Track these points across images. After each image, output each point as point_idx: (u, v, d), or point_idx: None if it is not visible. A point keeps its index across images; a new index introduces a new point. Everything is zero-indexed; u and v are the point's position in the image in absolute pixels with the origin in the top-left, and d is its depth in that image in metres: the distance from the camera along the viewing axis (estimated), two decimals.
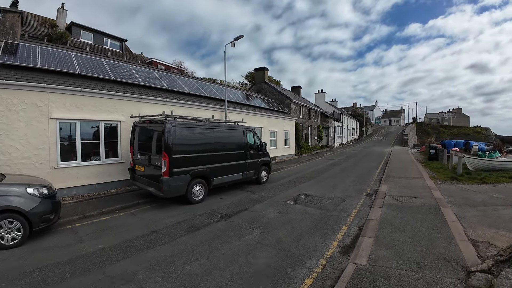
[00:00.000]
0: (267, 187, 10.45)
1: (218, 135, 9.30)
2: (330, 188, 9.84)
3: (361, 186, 10.28)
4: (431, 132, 59.78)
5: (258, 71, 25.54)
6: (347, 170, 14.57)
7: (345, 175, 12.89)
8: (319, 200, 8.23)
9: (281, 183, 11.09)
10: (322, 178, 12.13)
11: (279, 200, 8.38)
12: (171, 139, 7.73)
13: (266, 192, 9.58)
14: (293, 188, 10.03)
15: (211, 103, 14.74)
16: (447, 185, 9.96)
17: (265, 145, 11.23)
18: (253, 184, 10.96)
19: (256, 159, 10.79)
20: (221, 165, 9.18)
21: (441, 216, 6.30)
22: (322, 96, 42.44)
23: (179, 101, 12.70)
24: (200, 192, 8.43)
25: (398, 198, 8.08)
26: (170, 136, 7.72)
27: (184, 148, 8.08)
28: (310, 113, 28.61)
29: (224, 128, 9.70)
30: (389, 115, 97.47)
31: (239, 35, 14.36)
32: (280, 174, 13.75)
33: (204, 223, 6.34)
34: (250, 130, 10.91)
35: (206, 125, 9.08)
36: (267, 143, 17.22)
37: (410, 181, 10.68)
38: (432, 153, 17.47)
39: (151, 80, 12.96)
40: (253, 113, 17.12)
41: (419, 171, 13.23)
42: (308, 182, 11.25)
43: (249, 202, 8.19)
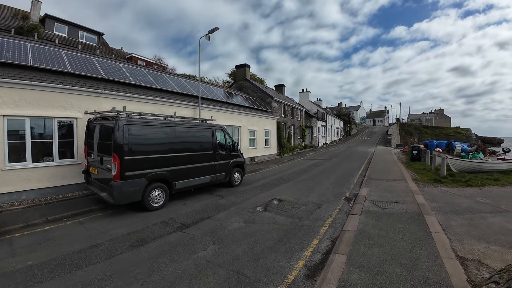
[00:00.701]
0: (239, 190, 9.53)
1: (182, 134, 8.29)
2: (307, 192, 9.02)
3: (340, 189, 9.51)
4: (413, 133, 60.71)
5: (240, 68, 24.56)
6: (327, 171, 13.84)
7: (325, 176, 12.13)
8: (292, 206, 7.37)
9: (256, 186, 10.19)
10: (300, 180, 11.31)
11: (248, 206, 7.46)
12: (123, 138, 6.73)
13: (236, 196, 8.65)
14: (267, 192, 9.15)
15: (183, 99, 13.67)
16: (430, 189, 9.34)
17: (238, 145, 10.30)
18: (225, 187, 10.03)
19: (227, 160, 9.84)
20: (185, 168, 8.19)
21: (424, 226, 5.55)
22: (306, 95, 41.90)
23: (147, 97, 11.63)
24: (160, 198, 7.45)
25: (379, 204, 7.33)
26: (122, 135, 6.73)
27: (139, 149, 7.09)
28: (293, 112, 27.88)
29: (189, 127, 8.69)
30: (374, 115, 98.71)
31: (214, 28, 13.36)
32: (256, 175, 12.85)
33: (155, 235, 5.42)
34: (221, 129, 9.95)
35: (167, 123, 8.06)
36: (245, 143, 16.79)
37: (392, 184, 10.01)
38: (415, 153, 17.05)
39: (116, 73, 11.80)
40: (231, 111, 16.14)
41: (402, 173, 12.65)
42: (285, 184, 10.40)
43: (215, 209, 7.24)
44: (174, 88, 13.88)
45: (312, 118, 33.29)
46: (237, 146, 10.17)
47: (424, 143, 23.87)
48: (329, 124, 44.77)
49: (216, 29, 13.31)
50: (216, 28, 13.31)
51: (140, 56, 33.99)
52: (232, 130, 16.40)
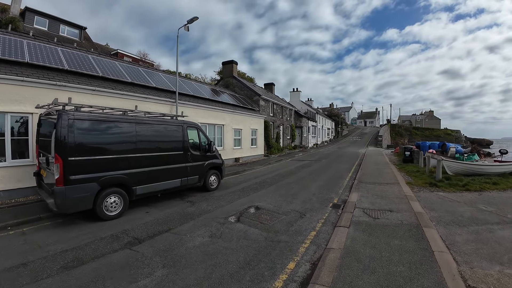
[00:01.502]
0: (214, 196, 8.46)
1: (144, 132, 7.18)
2: (290, 198, 8.00)
3: (328, 194, 8.53)
4: (404, 134, 60.78)
5: (226, 65, 23.44)
6: (316, 173, 12.87)
7: (312, 179, 11.15)
8: (270, 216, 6.32)
9: (234, 191, 9.13)
10: (284, 183, 10.29)
11: (219, 215, 6.40)
12: (67, 136, 5.68)
13: (209, 203, 7.58)
14: (246, 198, 8.10)
15: (159, 95, 12.54)
16: (426, 194, 8.45)
17: (214, 145, 9.22)
18: (200, 191, 8.96)
19: (201, 162, 8.76)
20: (148, 170, 7.09)
21: (425, 243, 4.59)
22: (297, 95, 41.05)
23: (116, 91, 10.50)
24: (117, 206, 6.37)
25: (370, 213, 6.36)
26: (66, 132, 5.69)
27: (89, 148, 6.03)
28: (282, 111, 26.91)
29: (154, 123, 7.57)
30: (365, 116, 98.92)
31: (193, 17, 12.25)
32: (238, 178, 11.78)
33: (96, 254, 4.40)
34: (193, 126, 8.86)
35: (126, 118, 6.93)
36: (229, 143, 15.51)
37: (384, 188, 9.09)
38: (407, 155, 16.27)
39: (82, 65, 10.65)
40: (214, 108, 15.02)
41: (394, 175, 11.77)
42: (267, 188, 9.37)
43: (180, 219, 6.16)
44: (150, 83, 12.71)
45: (302, 118, 32.41)
46: (213, 146, 9.07)
47: (416, 144, 23.17)
48: (320, 125, 44.05)
49: (196, 18, 12.22)
50: (196, 18, 12.22)
51: (126, 52, 32.65)
52: (215, 129, 15.30)
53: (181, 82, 15.32)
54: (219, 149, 15.22)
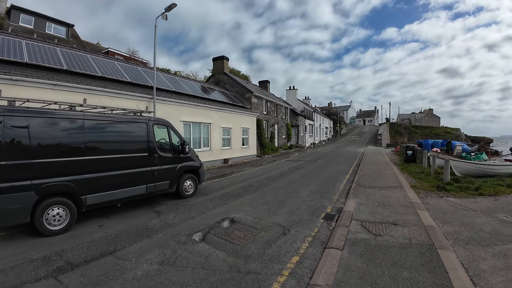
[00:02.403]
0: (188, 204, 7.25)
1: (96, 130, 5.98)
2: (275, 207, 6.78)
3: (320, 201, 7.31)
4: (403, 132, 59.71)
5: (217, 61, 22.17)
6: (309, 175, 11.65)
7: (305, 182, 9.93)
8: (245, 232, 5.10)
9: (213, 197, 7.92)
10: (272, 188, 9.08)
11: (184, 231, 5.18)
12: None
13: (179, 213, 6.38)
14: (224, 206, 6.89)
15: (135, 90, 11.32)
16: (435, 200, 7.24)
17: (188, 145, 7.99)
18: (174, 198, 7.78)
19: (173, 165, 7.54)
20: (102, 176, 5.89)
21: (442, 276, 3.39)
22: (293, 93, 39.79)
23: (81, 85, 9.47)
24: (62, 218, 5.24)
25: (370, 227, 5.14)
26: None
27: (25, 150, 4.87)
28: (277, 110, 25.66)
29: (109, 120, 6.33)
30: (363, 115, 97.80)
31: (171, 4, 11.02)
32: (223, 181, 10.56)
33: (16, 283, 3.37)
34: (163, 124, 7.63)
35: (72, 114, 5.71)
36: (217, 142, 13.79)
37: (386, 193, 7.88)
38: (409, 154, 15.07)
39: (46, 58, 9.57)
40: (199, 105, 13.78)
41: (397, 177, 10.56)
42: (252, 194, 8.15)
43: (134, 236, 4.99)
44: (124, 77, 11.49)
45: (299, 117, 31.17)
46: (187, 147, 7.83)
47: (417, 142, 22.01)
48: (317, 123, 42.84)
49: (174, 5, 11.00)
50: (174, 5, 10.99)
51: (117, 51, 31.54)
52: (200, 128, 14.07)
53: (163, 77, 14.10)
54: (205, 149, 14.01)
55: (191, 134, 13.45)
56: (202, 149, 14.04)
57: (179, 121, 12.70)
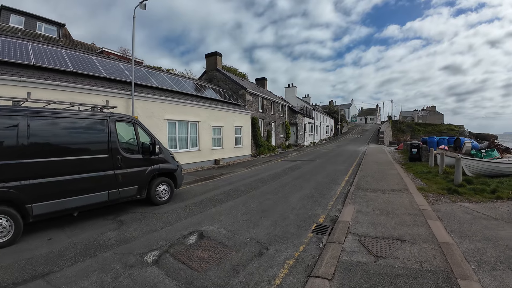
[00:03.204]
0: (159, 212, 6.24)
1: (43, 128, 5.02)
2: (258, 216, 5.73)
3: (313, 208, 6.25)
4: (406, 130, 58.40)
5: (210, 57, 21.10)
6: (304, 177, 10.59)
7: (299, 185, 8.87)
8: (213, 250, 4.06)
9: (191, 204, 6.89)
10: (260, 192, 8.03)
11: (138, 249, 4.19)
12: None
13: (143, 224, 5.37)
14: (198, 216, 5.86)
15: (111, 86, 10.31)
16: (447, 205, 6.16)
17: (159, 145, 6.96)
18: (145, 205, 6.78)
19: (141, 168, 6.51)
20: (51, 181, 4.95)
21: None
22: (292, 91, 38.66)
23: (49, 81, 8.51)
24: (6, 230, 4.39)
25: (370, 245, 4.08)
26: None
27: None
28: (274, 107, 24.55)
29: (59, 117, 5.31)
30: (365, 113, 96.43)
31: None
32: (208, 185, 9.53)
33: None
34: (128, 121, 6.62)
35: (11, 110, 4.72)
36: (206, 142, 12.82)
37: (390, 198, 6.79)
38: (414, 152, 13.95)
39: (13, 53, 8.74)
40: (185, 102, 12.74)
41: (401, 178, 9.46)
42: (234, 200, 7.11)
43: (78, 254, 4.12)
44: (100, 72, 10.49)
45: (297, 115, 30.03)
46: (158, 147, 6.78)
47: (422, 139, 20.87)
48: (318, 122, 41.69)
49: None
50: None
51: (111, 50, 30.71)
52: (187, 127, 13.04)
53: (146, 73, 13.08)
54: (193, 149, 12.99)
55: (176, 134, 12.43)
56: (189, 150, 13.03)
57: (163, 119, 11.69)
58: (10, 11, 21.42)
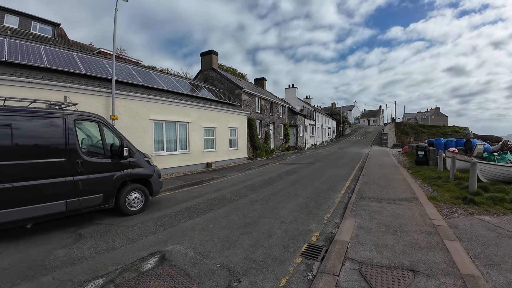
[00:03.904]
0: (126, 225, 5.37)
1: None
2: (239, 232, 4.80)
3: (306, 222, 5.31)
4: (410, 132, 57.24)
5: (205, 56, 20.23)
6: (301, 182, 9.64)
7: (293, 193, 7.93)
8: (169, 281, 3.15)
9: (165, 215, 5.98)
10: (247, 201, 7.10)
11: (79, 275, 3.35)
12: None
13: (101, 241, 4.53)
14: (168, 230, 4.97)
15: (90, 83, 9.48)
16: (464, 219, 5.20)
17: (129, 147, 6.06)
18: (114, 215, 5.90)
19: (108, 173, 5.64)
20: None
21: None
22: (293, 92, 37.70)
23: (20, 78, 7.62)
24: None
25: (374, 278, 3.14)
26: None
27: None
28: (273, 108, 23.60)
29: (4, 114, 4.45)
30: (368, 115, 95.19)
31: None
32: (193, 191, 8.62)
33: None
34: (92, 120, 5.76)
35: None
36: (197, 144, 12.17)
37: (397, 210, 5.82)
38: (421, 155, 12.94)
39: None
40: (172, 101, 11.84)
41: (408, 185, 8.48)
42: (215, 211, 6.18)
43: (13, 277, 3.32)
44: (79, 69, 9.66)
45: (298, 116, 29.05)
46: (125, 149, 5.87)
47: (428, 141, 19.83)
48: (319, 123, 40.68)
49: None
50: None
51: (109, 51, 30.11)
52: (176, 128, 12.15)
53: (131, 70, 12.24)
54: (183, 152, 12.10)
55: (164, 135, 11.54)
56: (178, 152, 12.13)
57: (148, 119, 10.82)
58: (4, 11, 21.39)
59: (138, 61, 31.17)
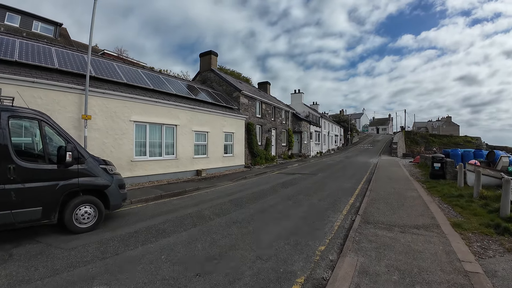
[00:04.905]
0: (65, 247, 4.26)
1: None
2: (194, 271, 3.51)
3: (289, 259, 3.98)
4: (420, 141, 55.14)
5: (204, 56, 19.15)
6: (296, 198, 8.31)
7: (283, 212, 6.60)
8: None
9: (116, 237, 4.77)
10: (224, 222, 5.79)
11: None
12: None
13: (21, 268, 3.51)
14: (105, 261, 3.73)
15: (62, 79, 8.45)
16: (504, 261, 3.82)
17: (75, 151, 4.88)
18: (62, 232, 4.70)
19: (49, 182, 4.61)
20: None
21: None
22: (299, 97, 36.38)
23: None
24: None
25: None
26: None
27: None
28: (275, 113, 22.31)
29: None
30: (377, 123, 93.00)
31: None
32: (167, 205, 7.37)
33: None
34: (31, 117, 4.65)
35: None
36: (187, 150, 11.15)
37: (414, 243, 4.43)
38: (437, 167, 11.42)
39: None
40: (157, 101, 10.66)
41: (425, 205, 7.05)
42: (179, 234, 4.91)
43: None
44: (52, 64, 8.68)
45: (302, 122, 27.65)
46: (68, 154, 4.69)
47: (444, 152, 18.22)
48: (326, 130, 39.16)
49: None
50: None
51: (112, 52, 29.64)
52: (162, 131, 10.99)
53: (115, 67, 11.19)
54: (169, 158, 10.94)
55: (147, 139, 10.39)
56: (163, 158, 10.94)
57: (128, 121, 9.70)
58: (5, 9, 21.20)
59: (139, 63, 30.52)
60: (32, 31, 22.23)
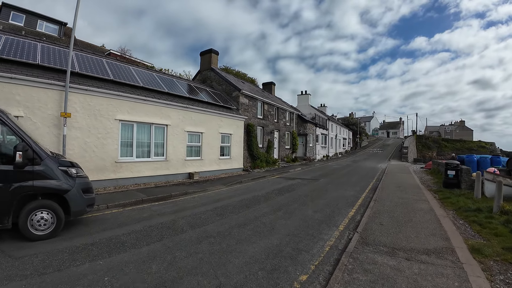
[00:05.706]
0: (15, 256, 3.76)
1: None
2: None
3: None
4: (432, 146, 53.15)
5: (204, 55, 18.47)
6: (289, 207, 7.45)
7: (269, 225, 5.76)
8: None
9: (75, 247, 4.09)
10: (196, 236, 4.99)
11: None
12: None
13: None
14: (52, 275, 3.08)
15: (42, 75, 7.92)
16: None
17: (22, 152, 4.19)
18: (21, 238, 4.09)
19: (2, 184, 3.88)
20: None
21: None
22: (305, 99, 35.38)
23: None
24: None
25: None
26: None
27: None
28: (278, 114, 21.42)
29: None
30: (387, 126, 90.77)
31: None
32: (143, 211, 6.62)
33: None
34: None
35: None
36: (178, 151, 10.80)
37: (422, 278, 3.53)
38: (451, 175, 10.33)
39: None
40: (146, 99, 9.97)
41: (438, 220, 6.07)
42: (140, 250, 4.13)
43: None
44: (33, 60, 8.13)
45: (308, 124, 26.65)
46: (18, 154, 4.03)
47: (458, 158, 16.99)
48: (333, 133, 37.97)
49: None
50: None
51: (118, 52, 29.53)
52: (151, 131, 10.31)
53: (104, 63, 10.59)
54: (158, 159, 10.27)
55: (133, 139, 9.74)
56: (152, 159, 10.26)
57: (113, 119, 9.06)
58: (11, 9, 21.40)
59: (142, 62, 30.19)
60: (37, 30, 22.21)
